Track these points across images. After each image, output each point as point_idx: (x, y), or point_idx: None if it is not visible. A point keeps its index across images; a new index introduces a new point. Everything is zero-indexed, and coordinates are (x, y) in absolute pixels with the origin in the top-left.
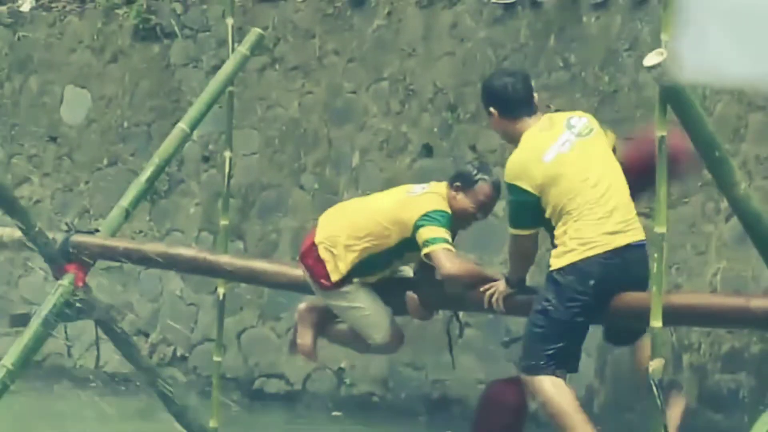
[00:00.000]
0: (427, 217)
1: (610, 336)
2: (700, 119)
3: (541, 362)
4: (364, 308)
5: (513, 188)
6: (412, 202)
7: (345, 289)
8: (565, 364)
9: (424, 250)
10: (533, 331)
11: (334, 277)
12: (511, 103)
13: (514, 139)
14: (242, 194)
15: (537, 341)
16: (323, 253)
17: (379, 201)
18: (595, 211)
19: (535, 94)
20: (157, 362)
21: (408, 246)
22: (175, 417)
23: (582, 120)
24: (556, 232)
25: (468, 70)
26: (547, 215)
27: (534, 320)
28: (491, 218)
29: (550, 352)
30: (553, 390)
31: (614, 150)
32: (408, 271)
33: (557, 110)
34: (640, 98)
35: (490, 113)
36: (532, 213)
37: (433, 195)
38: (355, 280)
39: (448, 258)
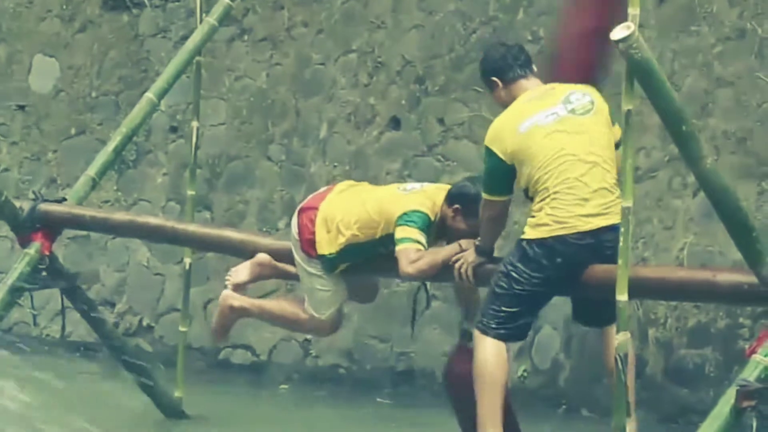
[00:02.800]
0: (405, 217)
1: (578, 316)
2: (668, 93)
3: (493, 323)
4: (327, 285)
5: (487, 151)
6: (399, 199)
7: (315, 269)
8: (515, 330)
9: (395, 249)
10: (494, 291)
11: (320, 251)
12: (511, 68)
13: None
14: (210, 165)
15: (495, 302)
16: (319, 224)
17: (377, 192)
18: (575, 191)
19: (534, 65)
20: (123, 332)
21: (392, 241)
22: (140, 386)
23: (585, 98)
24: (534, 206)
25: (436, 43)
26: (521, 185)
27: (496, 281)
28: None
29: (505, 314)
30: (492, 358)
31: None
32: None
33: None
34: None
35: (493, 85)
36: (505, 179)
37: (419, 195)
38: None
39: (407, 259)
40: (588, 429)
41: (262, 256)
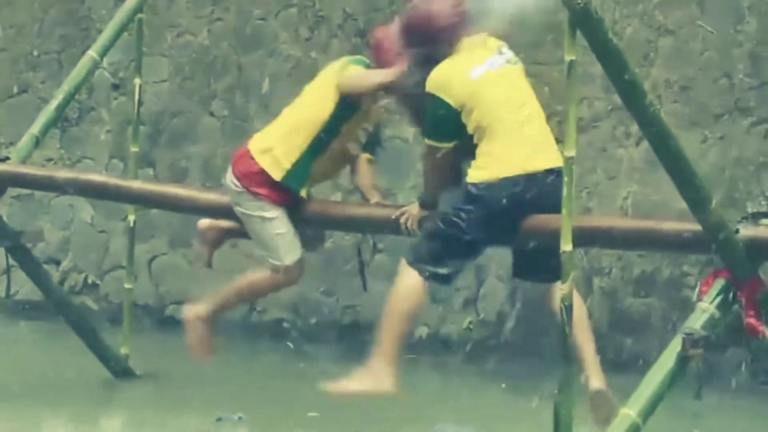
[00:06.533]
0: (348, 65)
1: (520, 271)
2: (610, 42)
3: (425, 260)
4: (283, 226)
5: (434, 99)
6: (333, 67)
7: (271, 212)
8: (444, 274)
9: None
10: (433, 231)
11: (277, 175)
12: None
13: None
14: (152, 121)
15: (432, 241)
16: (258, 156)
17: (304, 93)
18: (520, 134)
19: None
20: (68, 290)
21: (346, 107)
22: (86, 344)
23: (511, 51)
24: (480, 149)
25: None
26: (469, 131)
27: (437, 221)
28: (400, 142)
29: (438, 256)
30: (412, 294)
31: None
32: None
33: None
34: (550, 22)
35: None
36: (451, 126)
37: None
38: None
39: (347, 77)
40: (534, 379)
41: (202, 224)
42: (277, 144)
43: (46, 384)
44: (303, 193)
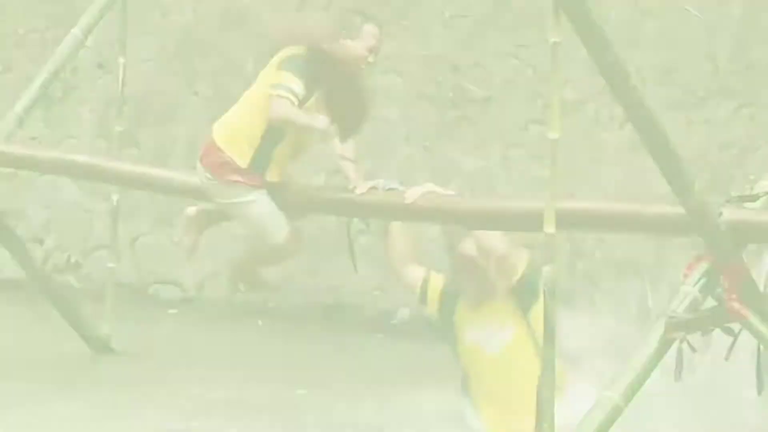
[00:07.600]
0: (285, 62)
1: None
2: (594, 24)
3: None
4: (264, 207)
5: None
6: (281, 54)
7: (249, 196)
8: None
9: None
10: None
11: (243, 163)
12: None
13: None
14: (137, 101)
15: None
16: (225, 145)
17: (258, 79)
18: None
19: None
20: (51, 269)
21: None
22: (68, 323)
23: None
24: None
25: None
26: None
27: None
28: (382, 124)
29: None
30: None
31: None
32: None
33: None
34: (535, 4)
35: None
36: None
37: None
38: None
39: (279, 104)
40: None
41: (189, 211)
42: (241, 131)
43: (27, 362)
44: (270, 176)
